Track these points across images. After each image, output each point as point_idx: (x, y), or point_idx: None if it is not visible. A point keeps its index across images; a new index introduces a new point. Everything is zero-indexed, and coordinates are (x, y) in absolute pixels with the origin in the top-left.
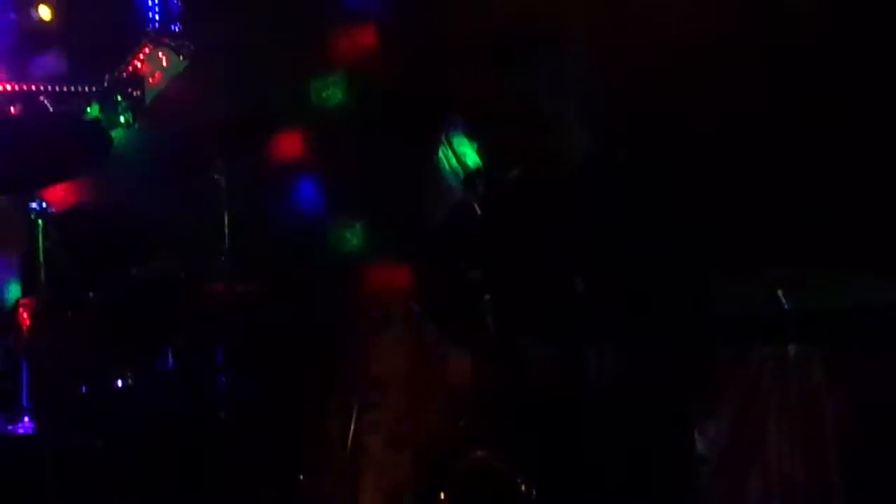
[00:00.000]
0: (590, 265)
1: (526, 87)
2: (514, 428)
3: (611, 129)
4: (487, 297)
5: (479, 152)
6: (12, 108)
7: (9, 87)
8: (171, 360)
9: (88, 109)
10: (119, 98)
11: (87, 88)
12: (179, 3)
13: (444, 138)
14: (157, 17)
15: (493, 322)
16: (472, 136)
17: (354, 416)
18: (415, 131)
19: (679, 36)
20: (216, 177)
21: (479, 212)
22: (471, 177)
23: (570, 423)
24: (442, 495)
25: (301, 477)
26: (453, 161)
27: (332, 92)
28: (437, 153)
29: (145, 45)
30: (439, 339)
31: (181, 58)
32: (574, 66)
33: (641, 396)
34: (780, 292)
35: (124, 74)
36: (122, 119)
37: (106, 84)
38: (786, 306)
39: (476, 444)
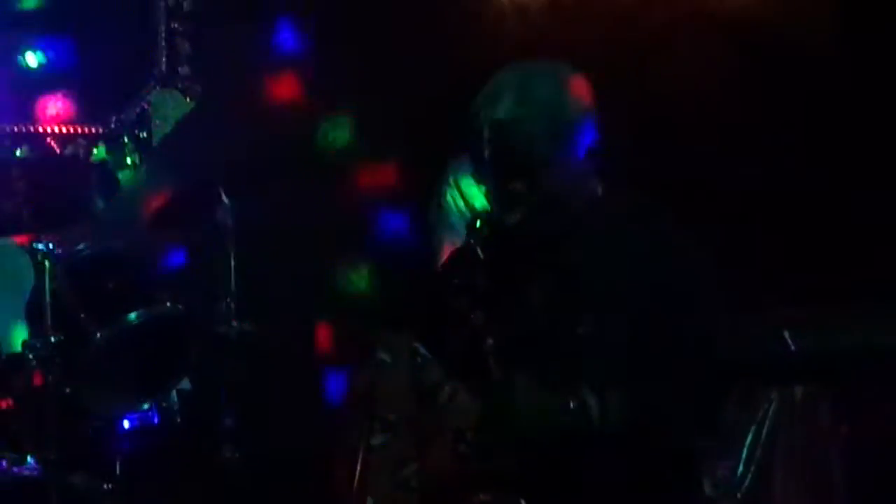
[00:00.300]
0: (594, 308)
1: (526, 132)
2: (517, 471)
3: (614, 172)
4: (490, 340)
5: (486, 195)
6: (19, 150)
7: (15, 129)
8: (176, 401)
9: (95, 151)
10: (126, 139)
11: (94, 130)
12: (187, 45)
13: (451, 180)
14: (164, 58)
15: (496, 365)
16: (478, 178)
17: (361, 456)
18: (422, 173)
19: (685, 81)
20: (222, 218)
21: (481, 255)
22: (473, 221)
23: (574, 467)
24: None
25: None
26: (461, 203)
27: (339, 133)
28: (444, 195)
29: (153, 87)
30: (446, 380)
31: (188, 99)
32: (576, 112)
33: (646, 439)
34: (786, 333)
35: (132, 116)
36: (129, 160)
37: (113, 125)
38: (792, 347)
39: (480, 487)
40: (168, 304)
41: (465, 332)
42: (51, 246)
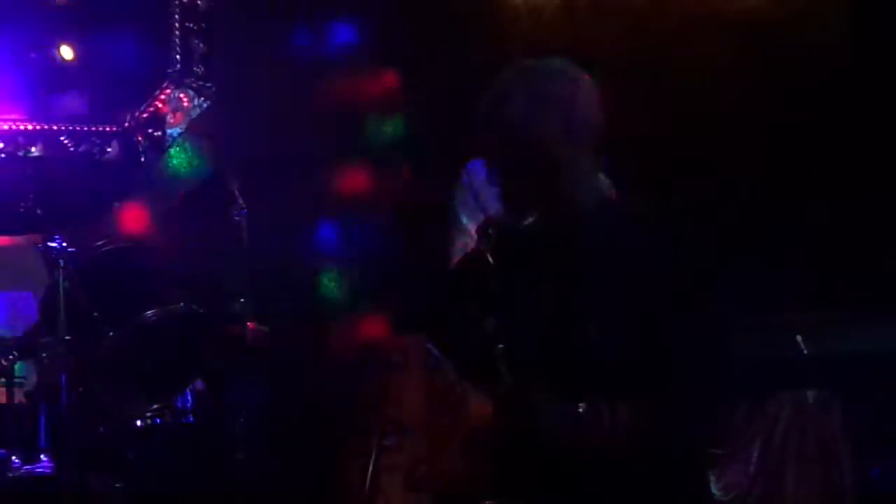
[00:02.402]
0: (604, 312)
1: (537, 132)
2: (528, 476)
3: (626, 174)
4: (501, 346)
5: (499, 197)
6: (34, 148)
7: (30, 127)
8: (189, 400)
9: (109, 149)
10: (140, 138)
11: (108, 128)
12: (202, 44)
13: (465, 182)
14: (179, 57)
15: (507, 371)
16: (492, 180)
17: (373, 458)
18: (436, 174)
19: (696, 80)
20: (236, 217)
21: (492, 261)
22: (485, 226)
23: (584, 472)
24: None
25: None
26: (474, 204)
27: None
28: (457, 196)
29: (167, 86)
30: (458, 381)
31: (202, 98)
32: (586, 112)
33: (657, 446)
34: (799, 338)
35: (145, 115)
36: (143, 159)
37: (127, 124)
38: (805, 352)
39: (491, 490)
40: (181, 303)
41: (475, 338)
42: (64, 244)
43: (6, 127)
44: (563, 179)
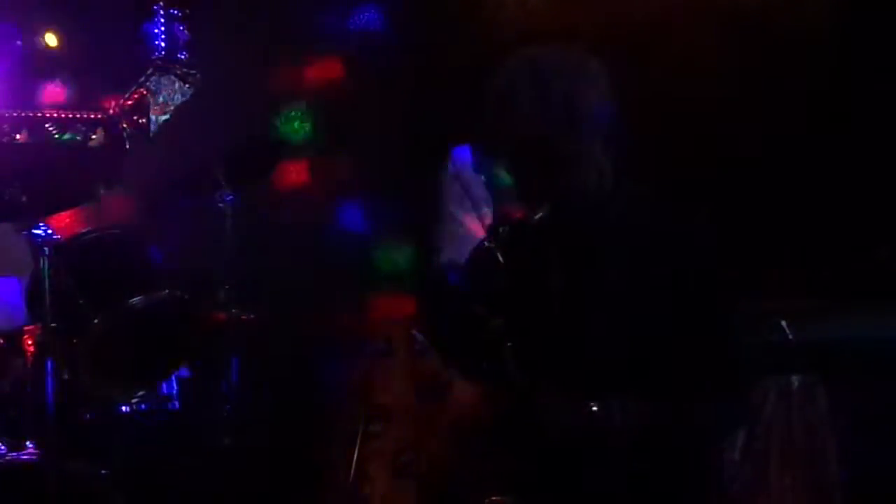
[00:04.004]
0: (615, 308)
1: (543, 131)
2: (535, 475)
3: (629, 163)
4: (510, 344)
5: (488, 184)
6: (18, 135)
7: (14, 114)
8: (175, 387)
9: (94, 136)
10: (124, 125)
11: (93, 115)
12: (186, 31)
13: (452, 170)
14: (163, 44)
15: (516, 369)
16: (479, 168)
17: (358, 444)
18: (423, 163)
19: (684, 67)
20: (221, 205)
21: (501, 259)
22: (494, 224)
23: (594, 469)
24: None
25: None
26: (459, 192)
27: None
28: (445, 185)
29: (151, 73)
30: (444, 367)
31: (186, 85)
32: (592, 103)
33: (669, 440)
34: (784, 323)
35: (130, 102)
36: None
37: (112, 111)
38: (790, 337)
39: (497, 487)
40: (167, 290)
41: (484, 337)
42: (49, 231)
43: None
44: (572, 173)
